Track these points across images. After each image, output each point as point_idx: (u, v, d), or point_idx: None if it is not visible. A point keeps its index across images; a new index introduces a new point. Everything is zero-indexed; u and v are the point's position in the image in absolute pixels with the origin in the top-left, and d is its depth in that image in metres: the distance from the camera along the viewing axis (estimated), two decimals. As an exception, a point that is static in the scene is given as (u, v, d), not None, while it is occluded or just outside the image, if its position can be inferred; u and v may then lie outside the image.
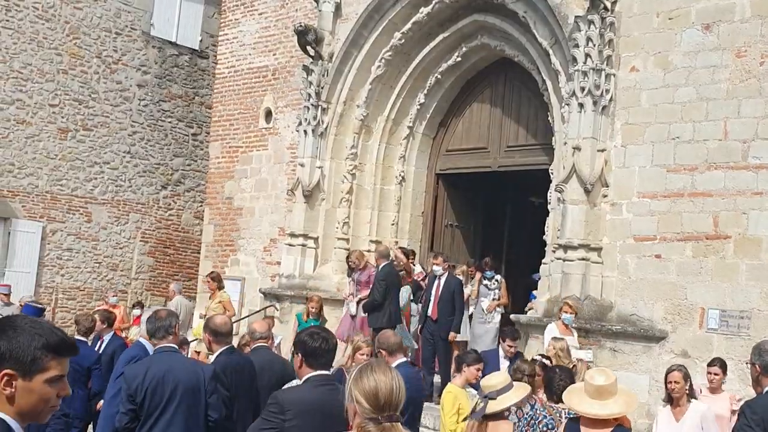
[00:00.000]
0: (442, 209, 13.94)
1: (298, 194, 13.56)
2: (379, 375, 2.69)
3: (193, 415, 5.13)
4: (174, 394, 5.08)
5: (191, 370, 5.27)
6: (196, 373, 5.24)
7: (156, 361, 5.30)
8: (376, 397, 2.63)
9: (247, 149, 15.50)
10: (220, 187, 15.92)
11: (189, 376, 5.17)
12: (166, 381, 5.10)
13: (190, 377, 5.17)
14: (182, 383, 5.12)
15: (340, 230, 13.51)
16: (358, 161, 13.59)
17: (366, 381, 2.68)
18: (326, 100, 13.42)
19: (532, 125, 12.50)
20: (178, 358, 5.39)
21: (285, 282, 13.58)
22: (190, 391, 5.12)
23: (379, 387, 2.65)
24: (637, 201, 10.14)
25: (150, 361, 5.39)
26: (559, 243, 10.33)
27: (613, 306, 10.12)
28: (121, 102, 16.84)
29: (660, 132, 10.06)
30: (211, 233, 16.00)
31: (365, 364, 2.85)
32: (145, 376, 5.12)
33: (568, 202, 10.29)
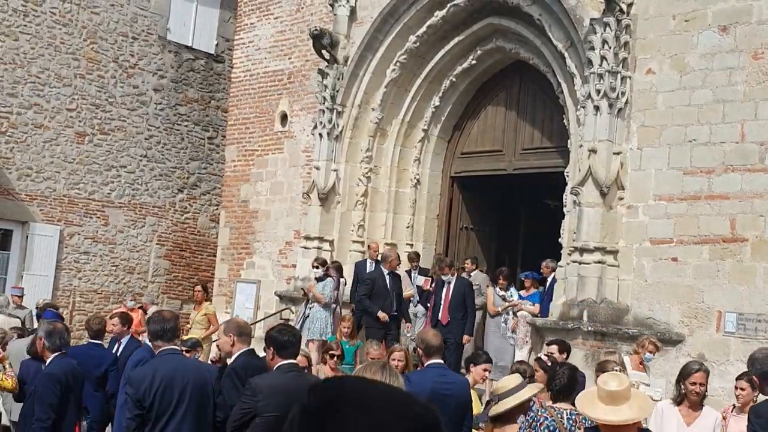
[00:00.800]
0: (457, 212, 13.95)
1: (313, 197, 13.62)
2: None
3: (203, 415, 5.16)
4: (183, 395, 5.10)
5: (199, 370, 5.32)
6: (204, 373, 5.29)
7: (163, 363, 5.30)
8: None
9: (263, 152, 15.57)
10: (236, 191, 16.00)
11: (197, 376, 5.20)
12: (176, 382, 5.11)
13: (198, 377, 5.20)
14: (191, 383, 5.14)
15: (356, 233, 13.55)
16: (373, 164, 13.63)
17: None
18: (341, 103, 13.47)
19: (547, 128, 12.49)
20: (183, 360, 5.42)
21: (300, 285, 13.60)
22: (198, 391, 5.14)
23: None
24: (654, 204, 10.11)
25: (157, 364, 5.38)
26: (575, 246, 10.32)
27: (629, 309, 10.10)
28: (138, 106, 16.96)
29: (676, 134, 10.03)
30: (227, 236, 16.08)
31: (361, 366, 3.19)
32: (153, 378, 5.11)
33: (584, 205, 10.28)
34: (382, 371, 3.32)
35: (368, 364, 3.41)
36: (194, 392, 5.14)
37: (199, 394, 5.15)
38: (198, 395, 5.15)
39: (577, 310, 10.09)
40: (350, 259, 13.48)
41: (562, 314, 10.29)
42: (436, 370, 5.63)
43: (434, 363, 5.68)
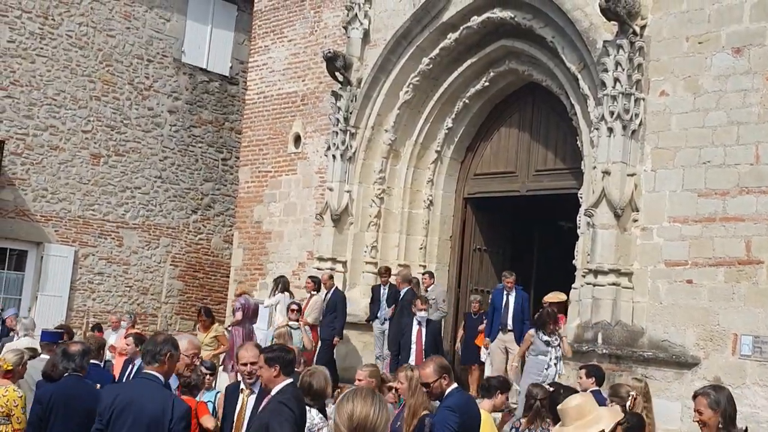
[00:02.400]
0: (471, 233, 13.95)
1: (326, 218, 13.67)
2: (358, 401, 2.98)
3: None
4: (133, 427, 4.78)
5: (159, 404, 4.85)
6: (164, 409, 4.82)
7: (127, 388, 5.12)
8: (350, 420, 2.95)
9: (276, 174, 15.66)
10: (250, 212, 16.07)
11: (154, 410, 4.81)
12: (128, 411, 4.84)
13: (155, 412, 4.80)
14: (145, 416, 4.80)
15: (368, 254, 13.58)
16: (386, 185, 13.67)
17: (344, 406, 2.99)
18: (354, 125, 13.55)
19: (560, 149, 12.51)
20: (150, 388, 4.94)
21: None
22: (152, 427, 4.78)
23: (355, 411, 2.96)
24: (668, 226, 10.09)
25: (123, 387, 5.24)
26: (589, 268, 10.30)
27: (644, 331, 10.05)
28: (153, 128, 17.12)
29: (690, 156, 10.03)
30: (241, 257, 16.14)
31: (349, 391, 3.14)
32: (114, 400, 4.91)
33: (598, 227, 10.27)
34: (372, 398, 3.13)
35: (358, 390, 3.30)
36: (145, 426, 4.77)
37: (151, 429, 4.78)
38: (150, 429, 4.78)
39: (591, 332, 10.05)
40: (363, 280, 13.50)
41: (576, 336, 10.24)
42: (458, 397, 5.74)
43: (453, 389, 5.78)
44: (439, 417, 5.73)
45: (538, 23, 11.62)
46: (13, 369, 6.98)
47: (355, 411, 2.99)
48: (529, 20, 11.75)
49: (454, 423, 5.60)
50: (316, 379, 5.91)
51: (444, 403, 5.79)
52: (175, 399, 4.97)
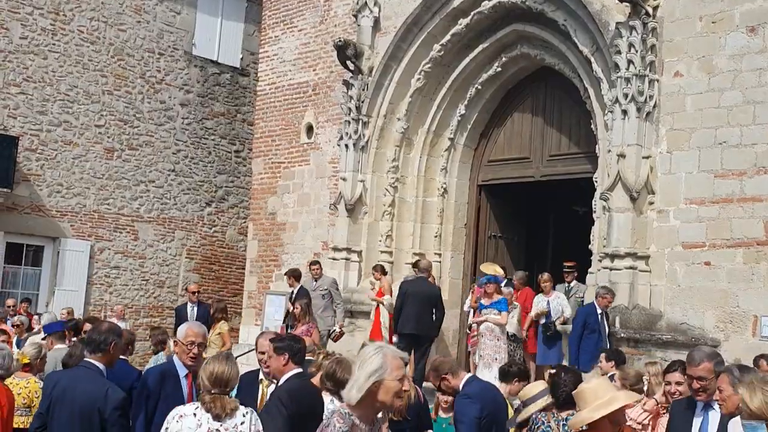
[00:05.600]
0: (485, 220, 13.92)
1: (340, 208, 13.68)
2: (216, 363, 4.44)
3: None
4: (69, 415, 4.86)
5: (93, 393, 4.85)
6: (97, 398, 4.82)
7: (66, 376, 5.16)
8: (211, 375, 4.38)
9: (290, 164, 15.67)
10: (264, 203, 16.11)
11: (86, 399, 4.83)
12: (65, 399, 4.90)
13: (88, 401, 4.83)
14: (77, 404, 4.84)
15: (384, 243, 13.58)
16: (399, 174, 13.66)
17: (207, 368, 4.44)
18: (367, 113, 13.53)
19: (574, 134, 12.44)
20: (86, 377, 4.96)
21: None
22: (84, 416, 4.81)
23: (215, 370, 4.40)
24: (685, 207, 10.03)
25: (63, 375, 5.28)
26: (605, 252, 10.27)
27: (662, 315, 10.01)
28: (165, 121, 17.17)
29: (706, 137, 9.95)
30: (256, 249, 16.19)
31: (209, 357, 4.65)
32: (53, 388, 4.99)
33: (614, 210, 10.22)
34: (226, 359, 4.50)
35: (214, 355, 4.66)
36: (77, 415, 4.83)
37: (84, 419, 4.81)
38: (83, 420, 4.81)
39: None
40: (378, 269, 13.49)
41: (593, 321, 10.20)
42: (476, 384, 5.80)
43: (468, 378, 5.84)
44: (458, 407, 5.73)
45: (549, 6, 11.55)
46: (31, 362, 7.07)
47: (215, 370, 4.39)
48: (540, 3, 11.67)
49: (475, 410, 5.60)
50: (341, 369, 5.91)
51: (461, 392, 5.80)
52: (110, 388, 4.91)
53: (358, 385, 3.35)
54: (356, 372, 3.40)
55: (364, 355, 3.43)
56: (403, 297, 11.20)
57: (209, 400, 4.37)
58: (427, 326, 11.08)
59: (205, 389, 4.41)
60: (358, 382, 3.36)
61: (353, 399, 3.35)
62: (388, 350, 3.41)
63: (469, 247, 13.86)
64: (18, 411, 6.67)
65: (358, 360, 3.46)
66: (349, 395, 3.38)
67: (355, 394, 3.34)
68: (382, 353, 3.37)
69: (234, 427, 4.39)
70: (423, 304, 11.06)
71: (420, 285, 11.27)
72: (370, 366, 3.35)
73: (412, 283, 11.51)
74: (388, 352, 3.40)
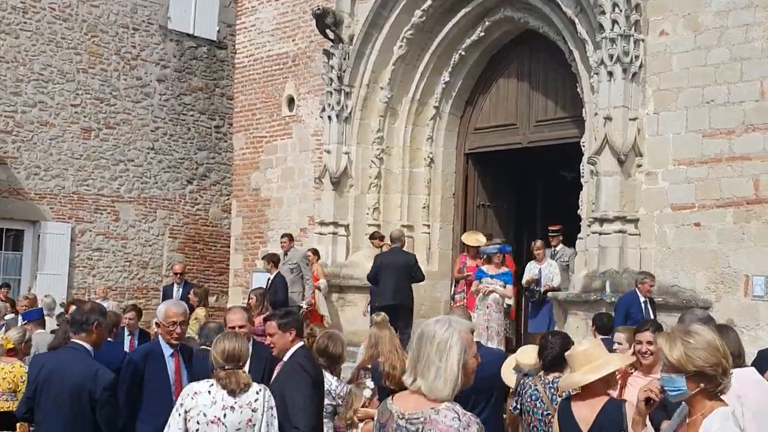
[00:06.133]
0: (474, 189, 13.98)
1: (325, 182, 13.69)
2: (227, 340, 4.62)
3: (78, 423, 4.90)
4: (57, 397, 4.93)
5: (82, 374, 4.91)
6: (86, 379, 4.89)
7: (52, 358, 5.22)
8: (224, 353, 4.56)
9: (272, 138, 15.65)
10: (246, 179, 16.10)
11: (75, 380, 4.90)
12: (52, 381, 4.95)
13: (77, 382, 4.90)
14: (66, 386, 4.91)
15: (371, 216, 13.62)
16: (384, 145, 13.67)
17: (218, 345, 4.61)
18: (349, 83, 13.50)
19: (561, 98, 12.47)
20: (74, 358, 5.01)
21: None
22: (74, 397, 4.89)
23: (226, 347, 4.57)
24: (673, 169, 10.11)
25: (49, 357, 5.34)
26: (594, 216, 10.35)
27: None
28: (142, 98, 17.07)
29: (693, 96, 10.00)
30: (240, 226, 16.21)
31: (220, 335, 4.86)
32: (40, 371, 5.04)
33: (602, 174, 10.29)
34: (236, 337, 4.73)
35: (224, 333, 4.99)
36: (68, 396, 4.90)
37: (74, 400, 4.90)
38: (73, 401, 4.90)
39: (599, 281, 10.12)
40: (366, 243, 13.52)
41: (584, 286, 10.32)
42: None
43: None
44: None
45: (531, -33, 11.52)
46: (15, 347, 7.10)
47: (227, 346, 4.56)
48: (522, -35, 11.65)
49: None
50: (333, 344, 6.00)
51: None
52: (99, 369, 4.96)
53: (451, 378, 2.93)
54: (432, 358, 2.95)
55: (437, 338, 2.97)
56: (377, 269, 11.32)
57: (225, 375, 4.50)
58: (404, 295, 11.18)
59: (219, 366, 4.55)
60: (448, 373, 2.93)
61: (447, 394, 2.93)
62: (458, 325, 3.01)
63: (458, 217, 13.93)
64: (3, 396, 6.74)
65: (426, 342, 2.98)
66: (440, 391, 2.92)
67: (449, 391, 2.93)
68: (456, 332, 2.97)
69: (248, 404, 4.53)
70: (399, 274, 11.17)
71: (394, 255, 11.38)
72: (454, 352, 2.94)
73: (386, 255, 11.63)
74: (460, 327, 3.00)
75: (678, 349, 3.09)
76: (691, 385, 3.08)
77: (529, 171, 14.47)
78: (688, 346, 3.10)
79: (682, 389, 3.09)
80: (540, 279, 11.11)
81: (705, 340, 3.12)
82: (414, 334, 3.10)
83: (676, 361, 3.08)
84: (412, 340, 3.08)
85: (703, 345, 3.10)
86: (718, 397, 3.11)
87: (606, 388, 4.36)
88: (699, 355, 3.07)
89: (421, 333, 3.02)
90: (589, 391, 4.27)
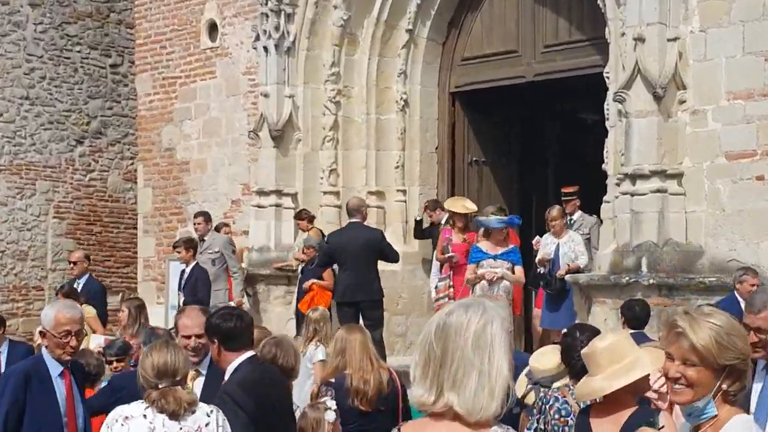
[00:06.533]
0: (463, 141, 14.04)
1: (263, 136, 13.67)
2: (155, 353, 4.76)
3: None
4: None
5: None
6: None
7: None
8: (153, 368, 4.70)
9: (188, 80, 15.58)
10: (156, 136, 16.04)
11: None
12: None
13: None
14: None
15: (326, 181, 13.65)
16: (342, 84, 13.66)
17: (145, 361, 4.77)
18: (290, 1, 13.46)
19: (576, 15, 12.53)
20: None
21: (257, 258, 13.73)
22: None
23: (155, 361, 4.72)
24: (727, 105, 10.21)
25: None
26: (624, 172, 10.45)
27: (703, 251, 10.26)
28: (11, 29, 16.86)
29: (752, 6, 10.09)
30: (150, 199, 16.16)
31: (146, 348, 5.18)
32: None
33: (633, 115, 10.38)
34: (166, 347, 4.86)
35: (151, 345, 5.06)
36: None
37: None
38: None
39: (633, 258, 10.24)
40: (322, 217, 13.56)
41: (613, 265, 10.44)
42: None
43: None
44: None
45: None
46: None
47: (157, 360, 4.71)
48: None
49: None
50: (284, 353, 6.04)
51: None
52: None
53: (501, 386, 2.67)
54: (469, 358, 2.67)
55: (474, 329, 2.70)
56: (331, 253, 11.43)
57: (158, 396, 4.66)
58: (371, 287, 11.30)
59: (150, 386, 4.72)
60: (495, 381, 2.67)
61: (495, 412, 2.67)
62: (497, 311, 2.79)
63: (444, 178, 13.99)
64: None
65: (455, 337, 2.70)
66: (485, 408, 2.63)
67: (498, 406, 2.66)
68: (499, 319, 2.75)
69: (198, 429, 4.66)
70: (361, 259, 11.25)
71: (352, 233, 11.45)
72: (500, 349, 2.70)
73: (342, 233, 11.68)
74: (501, 314, 2.79)
75: (705, 334, 2.97)
76: (719, 395, 2.99)
77: (538, 114, 14.54)
78: (718, 330, 2.98)
79: (710, 411, 2.99)
80: (556, 259, 11.18)
81: (733, 324, 3.03)
82: (430, 329, 2.77)
83: (704, 349, 2.95)
84: (427, 337, 2.76)
85: (735, 330, 3.01)
86: (733, 401, 3.03)
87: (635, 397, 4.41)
88: (734, 343, 2.97)
89: (444, 324, 2.72)
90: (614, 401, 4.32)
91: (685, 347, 2.98)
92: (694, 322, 3.01)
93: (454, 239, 12.00)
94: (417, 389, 2.70)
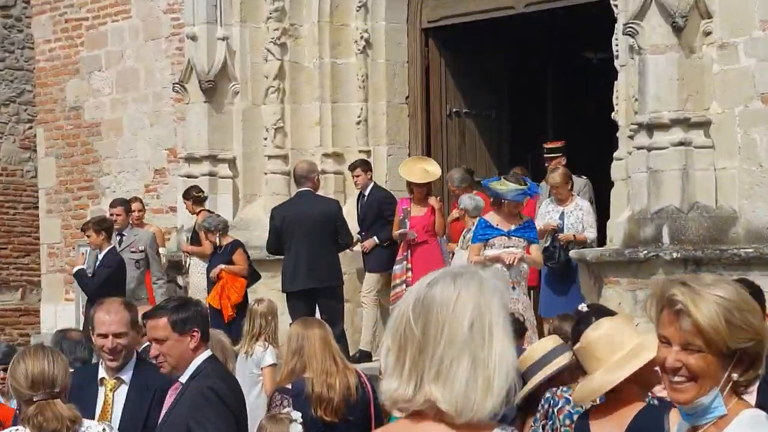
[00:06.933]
0: (440, 88, 14.05)
1: (192, 89, 13.65)
2: (29, 359, 4.69)
3: None
4: None
5: None
6: None
7: None
8: (26, 377, 4.64)
9: (97, 22, 15.50)
10: (59, 92, 15.97)
11: None
12: None
13: None
14: None
15: (272, 142, 13.64)
16: (287, 22, 13.64)
17: (17, 368, 4.68)
18: None
19: (575, -72, 12.57)
20: None
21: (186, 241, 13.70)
22: None
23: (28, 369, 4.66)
24: (762, 36, 10.27)
25: None
26: (638, 122, 10.50)
27: (737, 216, 10.34)
28: None
29: None
30: (53, 171, 16.09)
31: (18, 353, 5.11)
32: None
33: (648, 51, 10.42)
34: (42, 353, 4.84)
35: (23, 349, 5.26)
36: None
37: None
38: None
39: (652, 227, 10.31)
40: (267, 187, 13.55)
41: (628, 237, 10.51)
42: None
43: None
44: None
45: None
46: None
47: (30, 369, 4.68)
48: None
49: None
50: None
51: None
52: None
53: (501, 377, 2.49)
54: (461, 340, 2.50)
55: (465, 304, 2.52)
56: (278, 231, 11.47)
57: (34, 412, 4.60)
58: (328, 271, 11.39)
59: (24, 399, 4.70)
60: (494, 370, 2.52)
61: (493, 409, 2.51)
62: (493, 283, 2.61)
63: (417, 134, 13.99)
64: None
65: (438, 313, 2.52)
66: (479, 405, 2.46)
67: (497, 402, 2.49)
68: (498, 293, 2.58)
69: None
70: (315, 237, 11.32)
71: (303, 205, 11.50)
72: (501, 329, 2.53)
73: (290, 205, 11.66)
74: (499, 287, 2.61)
75: (711, 310, 2.77)
76: (728, 387, 2.82)
77: (531, 54, 14.57)
78: (727, 306, 2.80)
79: (717, 409, 2.83)
80: (561, 228, 11.22)
81: (744, 296, 2.84)
82: (407, 304, 2.55)
83: (711, 330, 2.76)
84: (402, 315, 2.55)
85: (748, 304, 2.83)
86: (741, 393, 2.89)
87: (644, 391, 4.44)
88: (747, 320, 2.79)
89: (425, 298, 2.53)
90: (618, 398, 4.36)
91: (686, 329, 2.79)
92: (696, 296, 2.78)
93: (413, 211, 12.01)
94: (390, 382, 2.48)
